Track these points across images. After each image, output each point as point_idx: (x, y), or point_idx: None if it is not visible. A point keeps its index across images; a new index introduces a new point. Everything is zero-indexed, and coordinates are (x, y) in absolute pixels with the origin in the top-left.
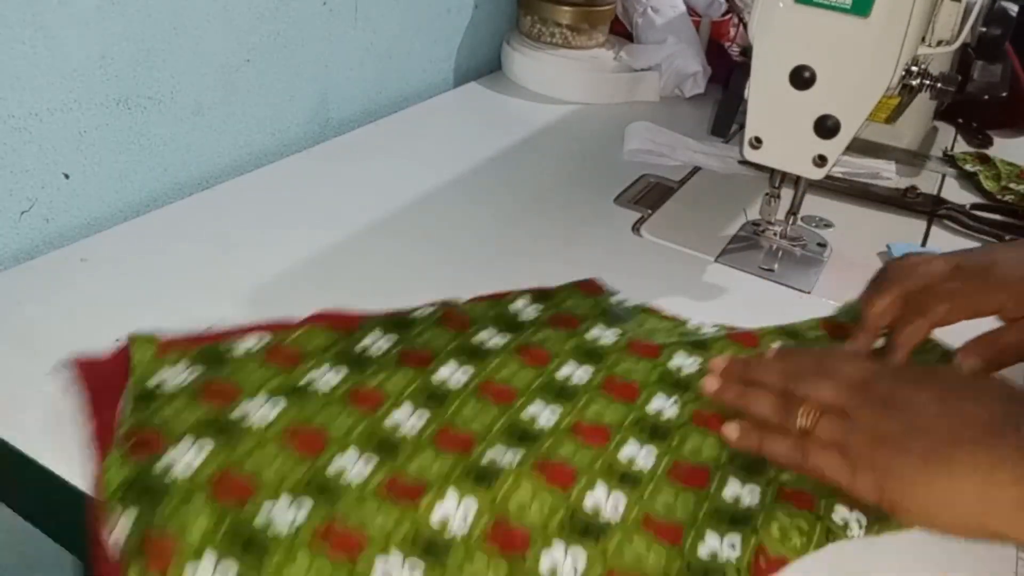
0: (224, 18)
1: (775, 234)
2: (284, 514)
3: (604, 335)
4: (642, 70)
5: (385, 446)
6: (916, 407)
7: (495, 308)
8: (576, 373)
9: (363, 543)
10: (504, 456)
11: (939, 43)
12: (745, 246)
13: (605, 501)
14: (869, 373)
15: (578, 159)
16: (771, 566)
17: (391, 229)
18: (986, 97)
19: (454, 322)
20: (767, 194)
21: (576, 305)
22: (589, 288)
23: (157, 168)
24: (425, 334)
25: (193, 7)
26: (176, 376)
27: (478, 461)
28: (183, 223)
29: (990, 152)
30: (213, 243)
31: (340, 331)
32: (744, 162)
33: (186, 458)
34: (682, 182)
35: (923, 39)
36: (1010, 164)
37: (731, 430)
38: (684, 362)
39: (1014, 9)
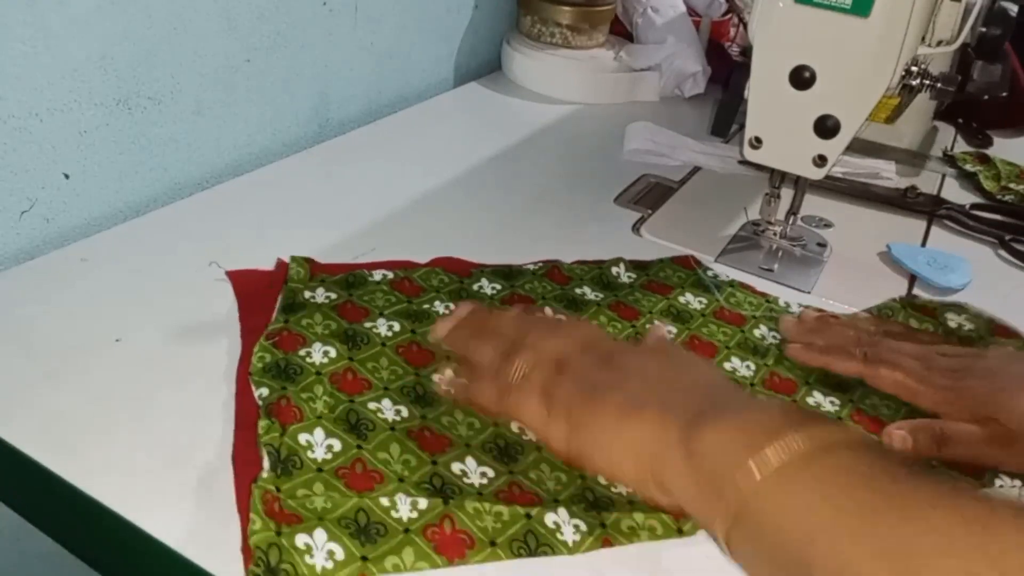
0: (224, 18)
1: (775, 234)
2: (388, 411)
3: (693, 301)
4: (642, 70)
5: None
6: (627, 365)
7: (595, 271)
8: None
9: (449, 443)
10: None
11: (939, 43)
12: (745, 246)
13: None
14: (597, 336)
15: (578, 159)
16: None
17: (391, 229)
18: (986, 97)
19: (556, 277)
20: (767, 194)
21: (669, 276)
22: (684, 263)
23: (157, 168)
24: (528, 284)
25: (193, 7)
26: (321, 294)
27: None
28: (183, 223)
29: (990, 152)
30: (213, 243)
31: (456, 274)
32: (744, 162)
33: (317, 356)
34: (682, 182)
35: (923, 39)
36: (1010, 164)
37: (445, 375)
38: (766, 333)
39: (1014, 9)
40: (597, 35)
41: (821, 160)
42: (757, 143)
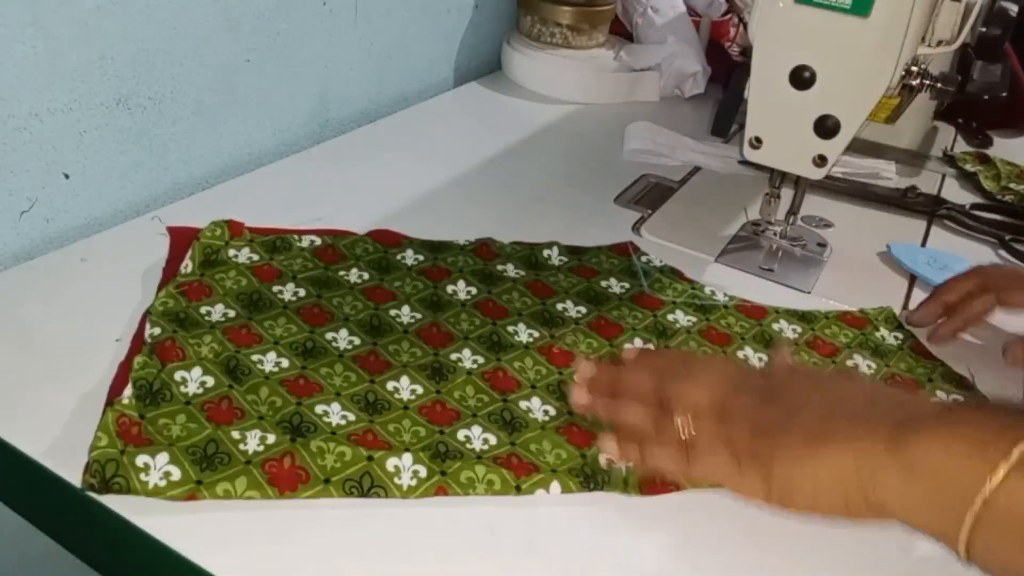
0: (224, 18)
1: (775, 234)
2: (269, 363)
3: (615, 286)
4: (642, 70)
5: (377, 331)
6: (791, 394)
7: (525, 250)
8: (572, 308)
9: (320, 389)
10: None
11: (939, 43)
12: (745, 246)
13: (539, 407)
14: (738, 371)
15: (578, 159)
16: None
17: (391, 228)
18: (986, 97)
19: (484, 253)
20: (767, 194)
21: (601, 262)
22: (620, 250)
23: (157, 168)
24: (452, 258)
25: (193, 7)
26: (244, 254)
27: (451, 358)
28: (183, 223)
29: (990, 152)
30: None
31: (384, 244)
32: (744, 162)
33: (217, 315)
34: (682, 182)
35: (923, 39)
36: (1010, 164)
37: (609, 447)
38: (679, 318)
39: (1014, 9)
40: (597, 35)
41: (821, 160)
42: (757, 143)
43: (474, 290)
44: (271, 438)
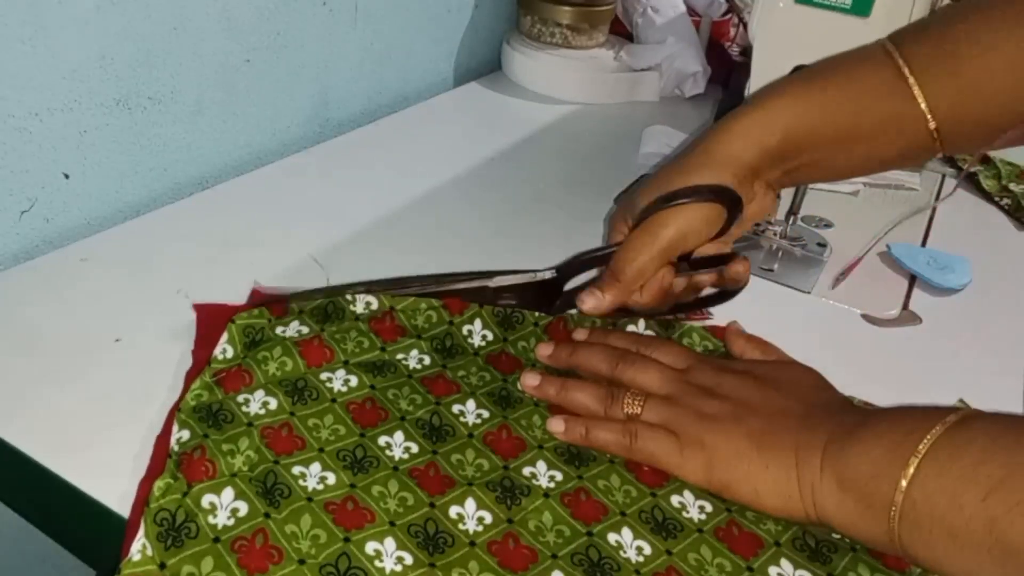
0: (224, 18)
1: (775, 234)
2: (312, 478)
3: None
4: (642, 70)
5: (438, 433)
6: (738, 393)
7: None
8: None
9: (372, 518)
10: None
11: None
12: (745, 246)
13: (631, 543)
14: (691, 361)
15: (578, 159)
16: None
17: (391, 229)
18: None
19: (557, 334)
20: None
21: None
22: (719, 333)
23: (157, 168)
24: (525, 341)
25: (193, 7)
26: (293, 328)
27: (523, 473)
28: (183, 223)
29: (990, 152)
30: (213, 243)
31: (448, 314)
32: None
33: (255, 405)
34: None
35: None
36: (1010, 164)
37: (556, 424)
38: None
39: None
40: (597, 35)
41: None
42: None
43: (651, 333)
44: None
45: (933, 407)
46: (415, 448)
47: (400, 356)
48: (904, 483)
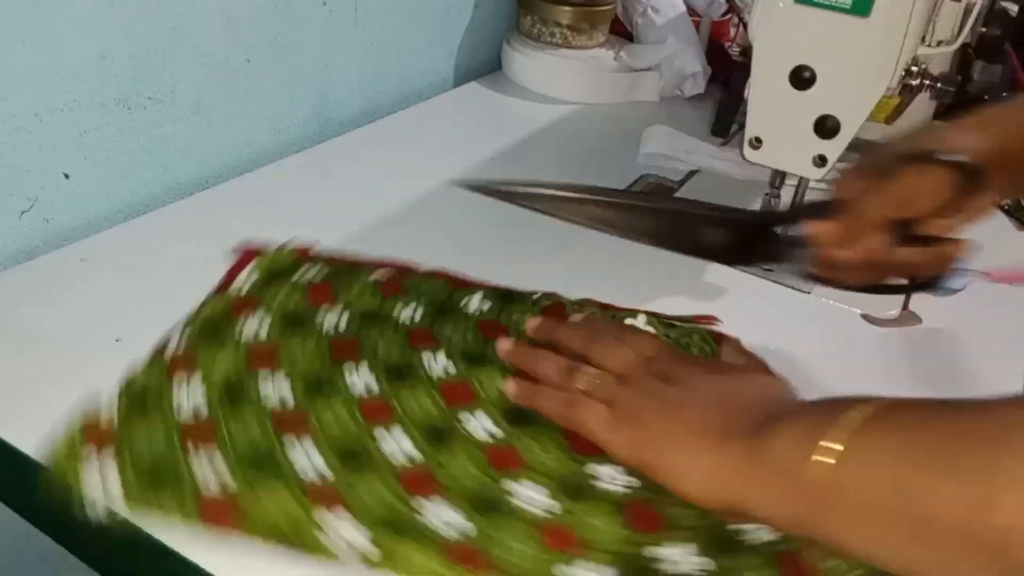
0: (224, 18)
1: None
2: (275, 393)
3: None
4: (642, 70)
5: (399, 375)
6: (691, 383)
7: (607, 317)
8: None
9: (305, 430)
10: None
11: (939, 43)
12: None
13: None
14: (660, 352)
15: (578, 159)
16: None
17: (391, 229)
18: (986, 97)
19: (553, 310)
20: (767, 194)
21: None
22: (716, 335)
23: (157, 168)
24: (519, 315)
25: (193, 7)
26: (307, 274)
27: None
28: (183, 223)
29: None
30: (213, 243)
31: (452, 287)
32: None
33: (250, 330)
34: (682, 182)
35: (923, 39)
36: None
37: (509, 385)
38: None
39: (1014, 9)
40: (597, 35)
41: (821, 160)
42: (757, 143)
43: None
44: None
45: (865, 395)
46: (373, 384)
47: (399, 307)
48: (827, 460)
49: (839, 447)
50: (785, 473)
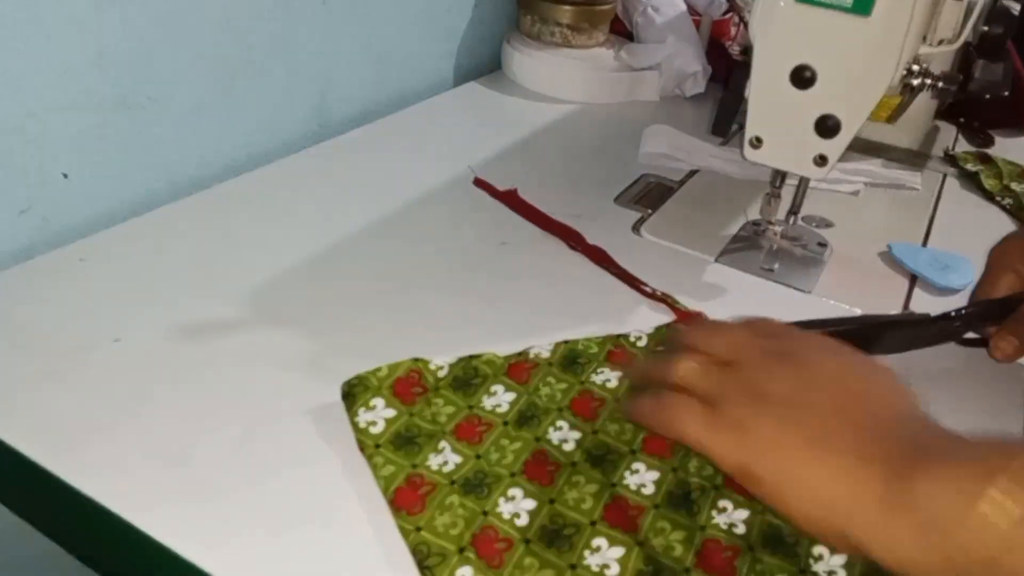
0: (224, 18)
1: (775, 234)
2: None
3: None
4: (642, 70)
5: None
6: (812, 368)
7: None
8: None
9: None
10: None
11: (940, 42)
12: (745, 246)
13: None
14: (776, 328)
15: (578, 159)
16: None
17: (391, 229)
18: (988, 96)
19: (619, 358)
20: (767, 194)
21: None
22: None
23: (157, 168)
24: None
25: (193, 7)
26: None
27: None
28: (183, 223)
29: (991, 151)
30: (213, 243)
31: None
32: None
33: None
34: (682, 182)
35: (924, 38)
36: (1011, 163)
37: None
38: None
39: (1016, 8)
40: (597, 34)
41: (822, 160)
42: (757, 143)
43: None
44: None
45: (1015, 439)
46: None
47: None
48: (1001, 514)
49: (1012, 503)
50: (941, 526)
